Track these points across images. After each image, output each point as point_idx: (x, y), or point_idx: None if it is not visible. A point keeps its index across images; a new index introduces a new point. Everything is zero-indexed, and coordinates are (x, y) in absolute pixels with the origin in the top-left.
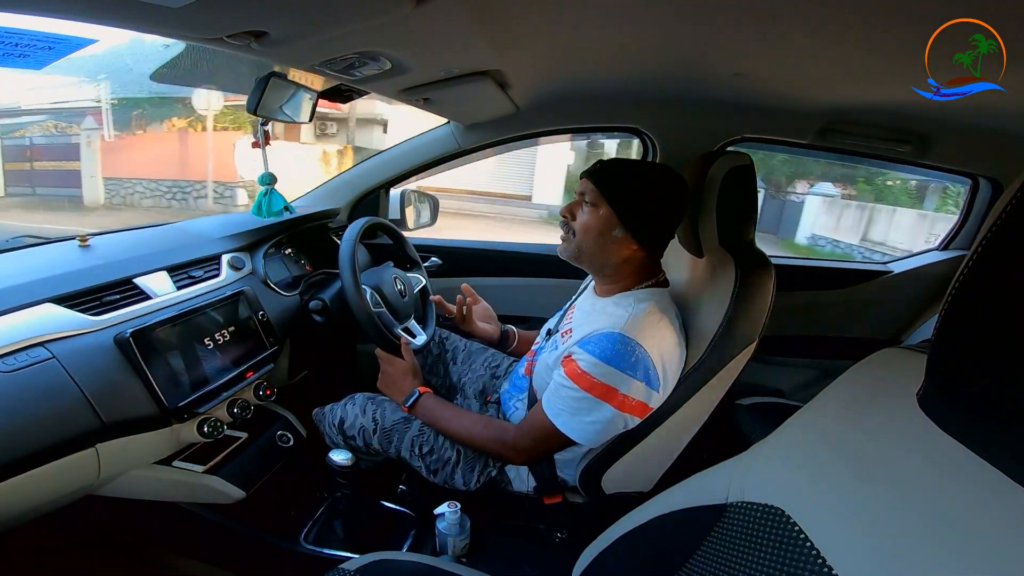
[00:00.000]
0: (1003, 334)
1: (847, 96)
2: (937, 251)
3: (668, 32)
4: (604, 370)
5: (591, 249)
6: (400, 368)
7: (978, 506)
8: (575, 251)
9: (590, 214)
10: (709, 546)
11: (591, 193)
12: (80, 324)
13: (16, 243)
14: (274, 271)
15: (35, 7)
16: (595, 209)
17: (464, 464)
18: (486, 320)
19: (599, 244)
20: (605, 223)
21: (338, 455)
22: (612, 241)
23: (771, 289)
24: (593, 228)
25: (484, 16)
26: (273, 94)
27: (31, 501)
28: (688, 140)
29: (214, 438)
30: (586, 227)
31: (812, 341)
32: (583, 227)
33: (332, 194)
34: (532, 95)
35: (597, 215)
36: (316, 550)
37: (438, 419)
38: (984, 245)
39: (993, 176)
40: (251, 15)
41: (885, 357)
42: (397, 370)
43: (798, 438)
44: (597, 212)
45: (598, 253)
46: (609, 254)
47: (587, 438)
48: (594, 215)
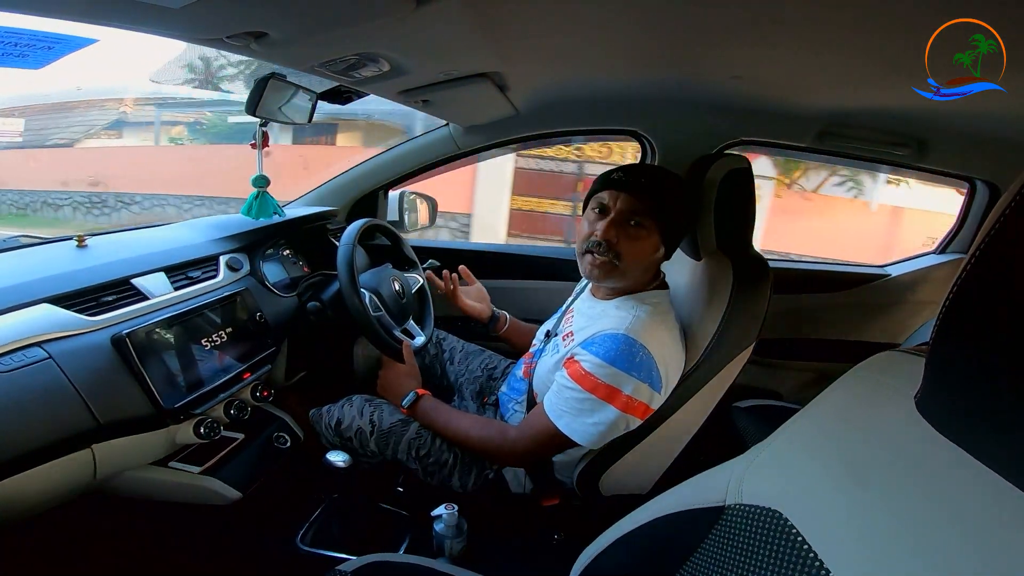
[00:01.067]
0: (1001, 337)
1: (845, 99)
2: (935, 254)
3: (667, 35)
4: (608, 371)
5: (633, 274)
6: (399, 370)
7: (976, 509)
8: (619, 279)
9: (644, 241)
10: (706, 548)
11: (642, 215)
12: (77, 324)
13: (13, 243)
14: (272, 272)
15: (35, 7)
16: (647, 233)
17: (461, 466)
18: (478, 300)
19: (643, 268)
20: (656, 248)
21: (335, 456)
22: (654, 263)
23: (768, 292)
24: (647, 255)
25: (484, 18)
26: (272, 95)
27: (26, 501)
28: (687, 143)
29: (211, 439)
30: (641, 255)
31: (809, 344)
32: (637, 255)
33: (331, 195)
34: (531, 97)
35: (650, 241)
36: (313, 551)
37: (436, 421)
38: (982, 248)
39: (990, 180)
40: (251, 16)
41: (883, 360)
42: (396, 372)
43: (796, 441)
44: (650, 238)
45: (638, 276)
46: (644, 274)
47: (589, 439)
48: (648, 242)
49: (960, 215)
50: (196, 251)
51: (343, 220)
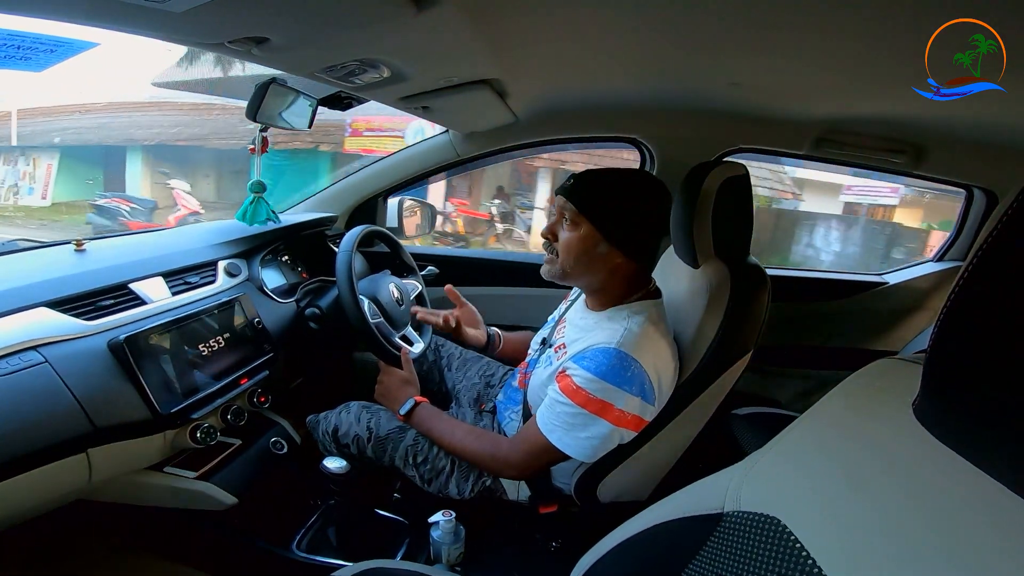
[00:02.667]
0: (999, 344)
1: (843, 107)
2: (932, 262)
3: (666, 43)
4: (599, 386)
5: (576, 268)
6: (398, 377)
7: (974, 516)
8: (560, 272)
9: (571, 233)
10: (705, 556)
11: (569, 211)
12: (74, 329)
13: (11, 246)
14: (270, 278)
15: (37, 10)
16: (575, 227)
17: (458, 474)
18: (473, 325)
19: (584, 262)
20: (588, 241)
21: (332, 462)
22: (597, 258)
23: (766, 300)
24: (576, 247)
25: (484, 25)
26: (273, 100)
27: (21, 505)
28: (685, 150)
29: (207, 444)
30: (568, 246)
31: (807, 352)
32: (565, 247)
33: (330, 201)
34: (531, 104)
35: (578, 233)
36: (309, 558)
37: (432, 429)
38: (980, 256)
39: (988, 187)
40: (253, 21)
41: (881, 368)
42: (394, 380)
43: (794, 448)
44: (578, 230)
45: (584, 271)
46: (596, 271)
47: (582, 453)
48: (575, 234)
49: (957, 223)
50: (194, 256)
51: (342, 226)
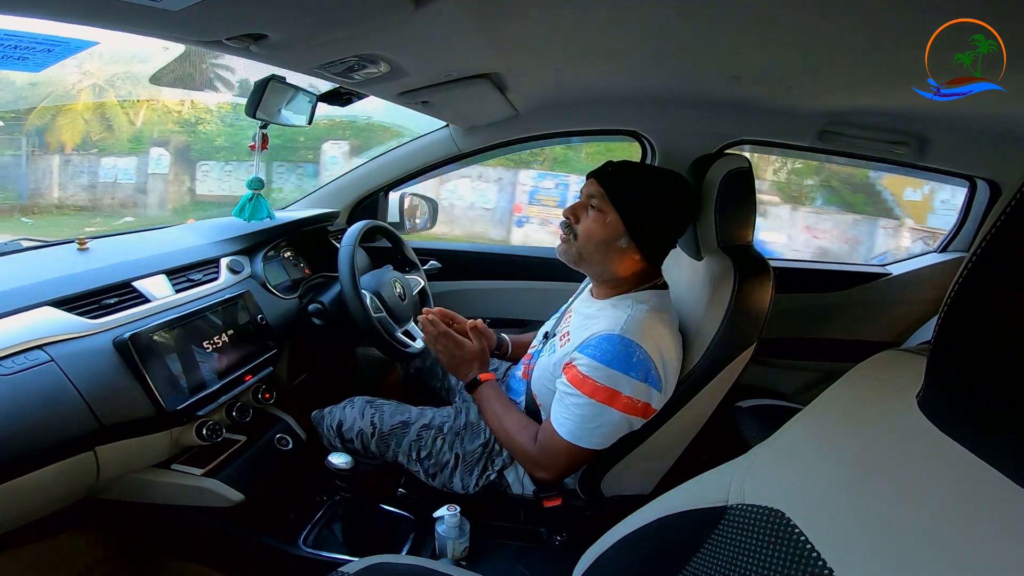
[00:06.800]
0: (1003, 335)
1: (845, 99)
2: (936, 253)
3: (667, 36)
4: (605, 373)
5: (594, 256)
6: (474, 349)
7: (978, 508)
8: (575, 256)
9: (596, 220)
10: (709, 548)
11: (599, 198)
12: (78, 327)
13: (14, 246)
14: (273, 274)
15: (34, 10)
16: (602, 216)
17: (463, 468)
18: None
19: (602, 251)
20: (612, 232)
21: (337, 458)
22: (616, 250)
23: (770, 291)
24: (597, 235)
25: (483, 19)
26: (272, 97)
27: (30, 503)
28: (687, 143)
29: (213, 441)
30: (590, 233)
31: (811, 343)
32: (587, 233)
33: (331, 197)
34: (531, 98)
35: (604, 222)
36: (315, 553)
37: (485, 409)
38: (983, 247)
39: (991, 178)
40: (250, 18)
41: (885, 359)
42: (469, 351)
43: (798, 440)
44: (604, 219)
45: (600, 259)
46: (611, 262)
47: (595, 443)
48: (600, 222)
49: (961, 213)
50: (197, 253)
51: (344, 222)
